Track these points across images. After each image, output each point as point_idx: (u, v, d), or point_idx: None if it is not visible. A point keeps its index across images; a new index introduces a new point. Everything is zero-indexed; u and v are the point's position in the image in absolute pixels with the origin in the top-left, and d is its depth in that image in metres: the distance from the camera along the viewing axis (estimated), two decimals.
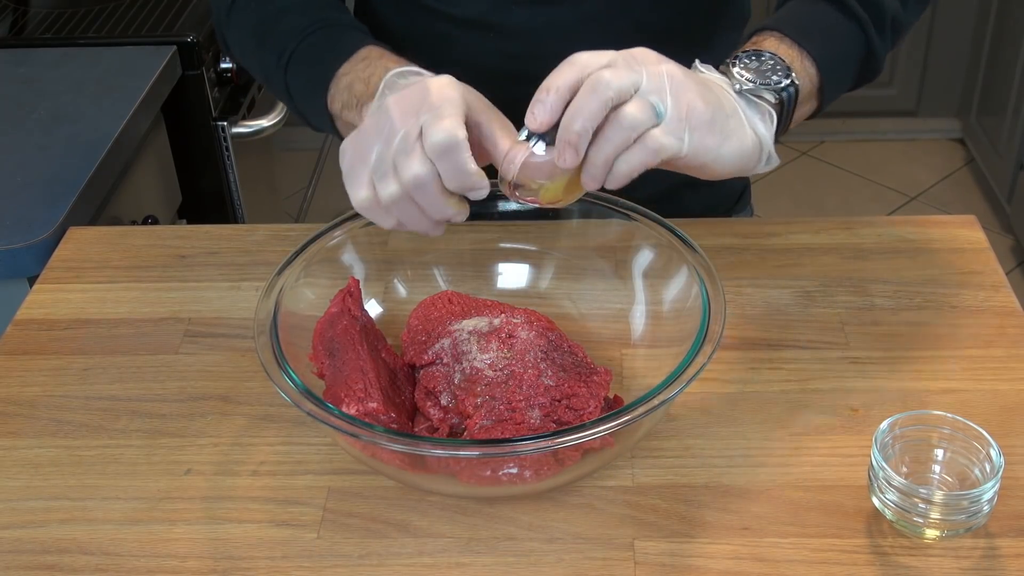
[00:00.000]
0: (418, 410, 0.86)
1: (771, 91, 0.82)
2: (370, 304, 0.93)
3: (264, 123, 1.76)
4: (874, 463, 0.77)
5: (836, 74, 0.89)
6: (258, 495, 0.83)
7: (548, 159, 0.76)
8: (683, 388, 0.76)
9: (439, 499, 0.82)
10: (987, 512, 0.76)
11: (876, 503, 0.78)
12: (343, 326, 0.86)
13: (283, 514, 0.82)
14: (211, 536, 0.80)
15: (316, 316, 0.88)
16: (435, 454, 0.75)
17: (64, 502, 0.83)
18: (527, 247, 0.98)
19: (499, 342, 0.85)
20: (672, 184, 0.92)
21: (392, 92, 0.82)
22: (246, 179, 1.79)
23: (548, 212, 0.86)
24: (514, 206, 0.85)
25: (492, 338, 0.85)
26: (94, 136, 1.40)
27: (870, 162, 3.06)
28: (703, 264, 0.86)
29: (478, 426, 0.79)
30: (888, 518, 0.78)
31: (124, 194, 1.46)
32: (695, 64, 0.83)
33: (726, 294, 0.84)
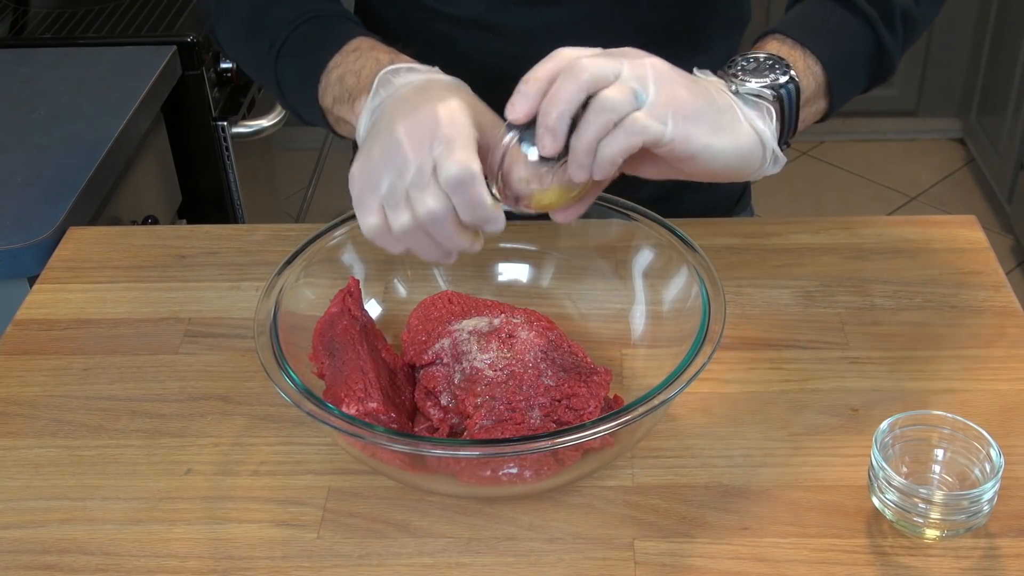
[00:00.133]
0: (418, 410, 0.86)
1: (768, 88, 0.81)
2: (370, 304, 0.93)
3: (264, 123, 1.76)
4: (874, 463, 0.77)
5: (845, 72, 0.88)
6: (258, 495, 0.83)
7: (534, 159, 0.75)
8: (683, 388, 0.76)
9: (439, 499, 0.82)
10: (987, 512, 0.76)
11: (876, 503, 0.78)
12: (343, 326, 0.86)
13: (283, 514, 0.82)
14: (211, 536, 0.80)
15: (316, 316, 0.88)
16: (435, 454, 0.75)
17: (64, 502, 0.83)
18: (527, 247, 0.98)
19: (499, 342, 0.85)
20: (672, 184, 0.92)
21: (386, 90, 0.82)
22: (246, 179, 1.79)
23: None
24: None
25: (492, 338, 0.85)
26: (94, 136, 1.40)
27: (870, 162, 3.06)
28: (703, 264, 0.86)
29: (478, 426, 0.79)
30: (888, 518, 0.78)
31: (124, 194, 1.46)
32: (693, 70, 0.82)
33: (726, 294, 0.84)
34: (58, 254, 1.11)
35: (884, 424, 0.79)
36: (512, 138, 0.75)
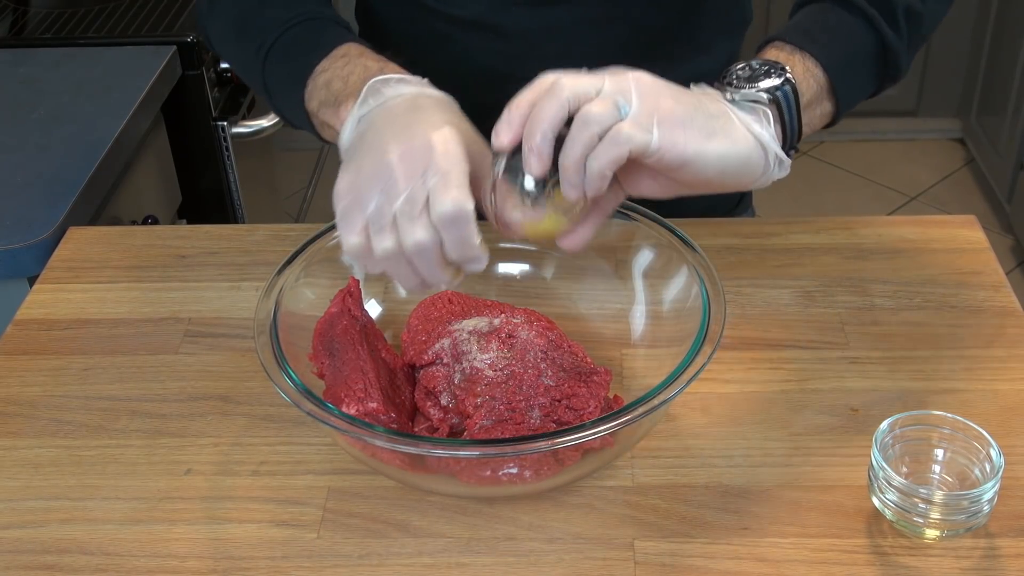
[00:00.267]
0: (418, 410, 0.86)
1: (763, 92, 0.80)
2: (370, 304, 0.93)
3: (264, 123, 1.76)
4: (874, 463, 0.77)
5: (848, 73, 0.87)
6: (258, 495, 0.83)
7: (528, 187, 0.75)
8: (683, 388, 0.76)
9: (439, 499, 0.82)
10: (987, 512, 0.76)
11: (876, 503, 0.78)
12: (343, 326, 0.86)
13: (283, 514, 0.82)
14: (211, 536, 0.80)
15: (316, 316, 0.88)
16: (435, 454, 0.75)
17: (64, 502, 0.83)
18: (527, 247, 0.98)
19: (499, 342, 0.85)
20: None
21: (376, 99, 0.81)
22: (246, 179, 1.79)
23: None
24: None
25: (492, 338, 0.85)
26: (94, 136, 1.40)
27: (870, 162, 3.06)
28: (703, 264, 0.86)
29: (478, 426, 0.79)
30: (888, 518, 0.78)
31: (124, 194, 1.46)
32: (691, 87, 0.82)
33: (726, 294, 0.84)
34: (58, 254, 1.11)
35: (884, 424, 0.79)
36: (501, 169, 0.75)
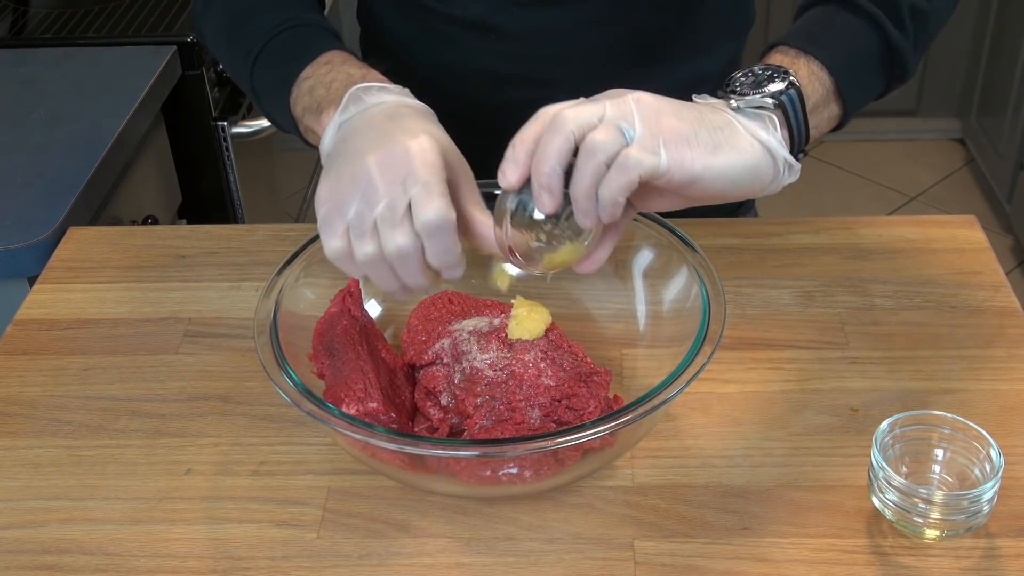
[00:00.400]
0: (418, 410, 0.86)
1: (767, 98, 0.79)
2: (370, 304, 0.93)
3: (264, 123, 1.76)
4: (874, 463, 0.77)
5: (853, 75, 0.86)
6: (258, 495, 0.83)
7: (539, 218, 0.75)
8: (683, 388, 0.76)
9: (439, 499, 0.82)
10: (987, 512, 0.76)
11: (876, 503, 0.78)
12: (343, 326, 0.86)
13: (283, 514, 0.82)
14: (211, 536, 0.80)
15: (316, 316, 0.88)
16: (435, 454, 0.75)
17: (64, 502, 0.83)
18: None
19: (499, 342, 0.85)
20: None
21: (357, 107, 0.82)
22: (246, 179, 1.79)
23: None
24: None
25: (492, 338, 0.85)
26: (94, 136, 1.40)
27: (870, 162, 3.06)
28: (703, 264, 0.86)
29: (478, 426, 0.79)
30: (888, 518, 0.78)
31: (124, 194, 1.46)
32: (693, 97, 0.82)
33: (726, 294, 0.84)
34: (58, 254, 1.11)
35: (884, 424, 0.79)
36: (512, 207, 0.75)
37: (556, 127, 0.72)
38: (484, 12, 1.04)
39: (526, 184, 0.74)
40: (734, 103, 0.79)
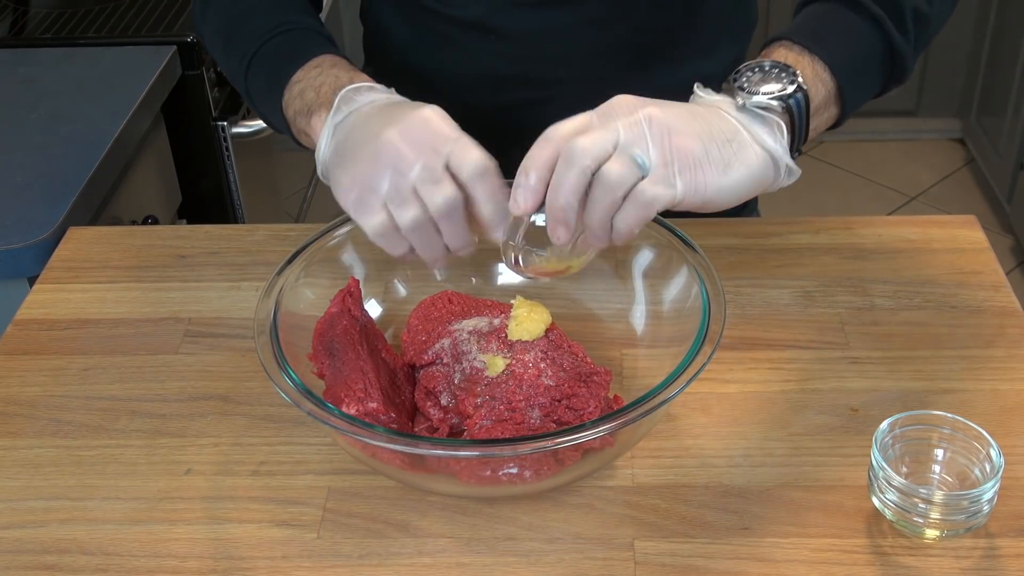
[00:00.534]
0: (418, 410, 0.86)
1: (776, 99, 0.79)
2: (370, 304, 0.93)
3: (264, 123, 1.76)
4: (874, 463, 0.77)
5: (855, 76, 0.86)
6: (258, 495, 0.83)
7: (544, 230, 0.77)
8: (683, 388, 0.76)
9: (439, 499, 0.82)
10: (987, 512, 0.76)
11: (876, 503, 0.78)
12: (343, 326, 0.86)
13: (283, 514, 0.82)
14: (211, 536, 0.80)
15: (316, 316, 0.88)
16: (435, 454, 0.75)
17: (64, 502, 0.83)
18: None
19: (499, 342, 0.85)
20: None
21: (349, 107, 0.84)
22: (246, 179, 1.79)
23: None
24: None
25: (492, 338, 0.85)
26: (94, 136, 1.40)
27: (870, 162, 3.06)
28: (703, 264, 0.86)
29: (478, 426, 0.79)
30: (888, 518, 0.78)
31: (124, 194, 1.46)
32: (695, 89, 0.81)
33: (726, 294, 0.84)
34: (58, 254, 1.11)
35: (884, 424, 0.79)
36: (523, 231, 0.78)
37: (571, 160, 0.73)
38: (484, 13, 1.04)
39: (538, 207, 0.76)
40: (741, 100, 0.79)
